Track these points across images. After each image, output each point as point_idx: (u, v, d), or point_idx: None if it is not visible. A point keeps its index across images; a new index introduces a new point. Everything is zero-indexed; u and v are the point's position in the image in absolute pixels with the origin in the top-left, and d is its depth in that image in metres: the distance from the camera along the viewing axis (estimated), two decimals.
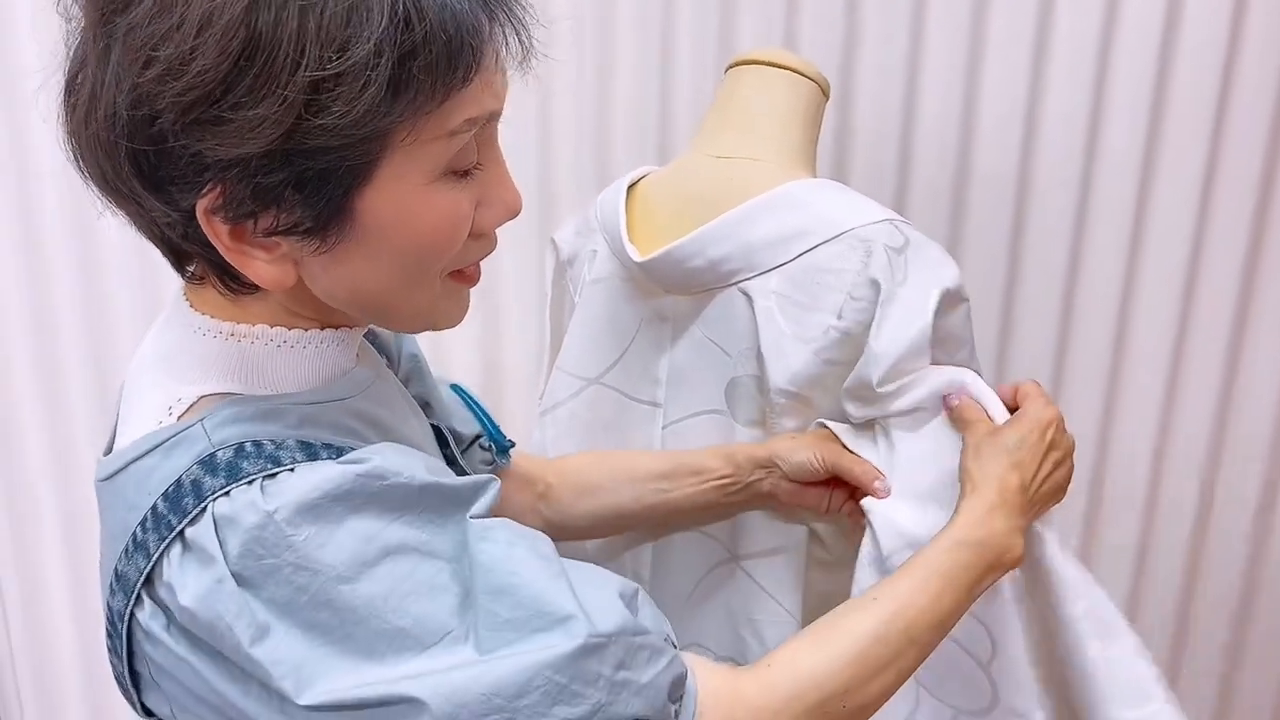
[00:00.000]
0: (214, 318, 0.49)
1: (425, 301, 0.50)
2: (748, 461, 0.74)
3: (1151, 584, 1.21)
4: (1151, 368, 1.13)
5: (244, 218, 0.42)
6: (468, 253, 0.49)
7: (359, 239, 0.45)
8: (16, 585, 1.32)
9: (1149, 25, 1.03)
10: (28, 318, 1.21)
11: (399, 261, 0.46)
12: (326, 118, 0.39)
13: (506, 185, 0.49)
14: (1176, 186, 1.07)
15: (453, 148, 0.44)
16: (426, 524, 0.44)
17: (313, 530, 0.41)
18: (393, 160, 0.43)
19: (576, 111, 1.10)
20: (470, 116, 0.44)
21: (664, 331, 0.82)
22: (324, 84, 0.39)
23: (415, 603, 0.42)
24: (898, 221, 0.72)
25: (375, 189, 0.43)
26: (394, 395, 0.59)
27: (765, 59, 0.79)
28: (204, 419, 0.46)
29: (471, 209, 0.47)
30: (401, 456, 0.46)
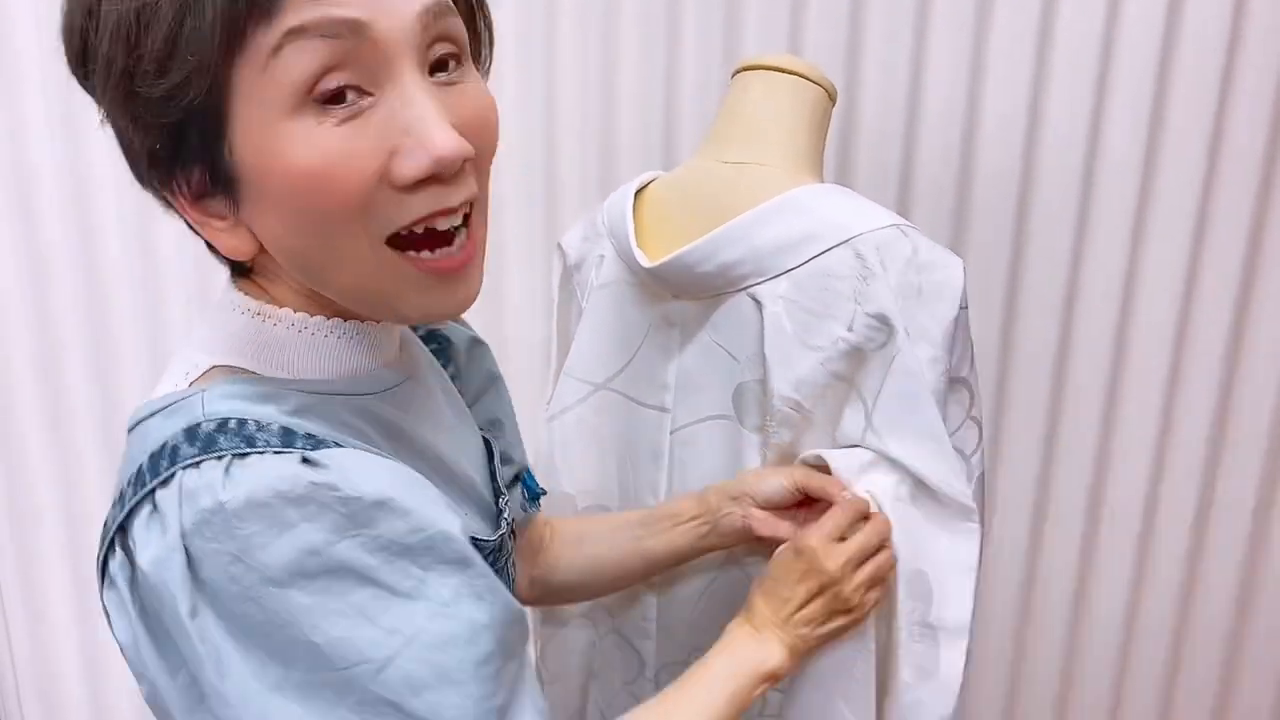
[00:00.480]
0: (247, 295, 0.51)
1: (360, 275, 0.46)
2: (717, 497, 0.75)
3: (1151, 586, 1.22)
4: (1153, 366, 1.14)
5: (173, 189, 0.46)
6: (395, 209, 0.45)
7: (254, 196, 0.45)
8: (17, 588, 1.31)
9: (1150, 25, 1.03)
10: (31, 317, 1.21)
11: (289, 216, 0.45)
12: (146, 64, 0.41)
13: (426, 129, 0.43)
14: (1178, 185, 1.08)
15: (288, 69, 0.41)
16: (379, 550, 0.42)
17: (258, 529, 0.41)
18: (240, 99, 0.42)
19: (581, 115, 1.10)
20: (291, 27, 0.41)
21: (672, 336, 0.82)
22: (133, 35, 0.41)
23: (337, 624, 0.41)
24: (904, 226, 0.72)
25: (240, 134, 0.43)
26: (430, 405, 0.59)
27: (772, 64, 0.79)
28: (206, 390, 0.47)
29: (366, 153, 0.43)
30: (368, 469, 0.44)
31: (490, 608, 0.44)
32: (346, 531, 0.42)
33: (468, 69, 0.48)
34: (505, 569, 0.61)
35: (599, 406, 0.87)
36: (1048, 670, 1.26)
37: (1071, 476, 1.18)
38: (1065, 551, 1.21)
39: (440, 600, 0.43)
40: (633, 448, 0.87)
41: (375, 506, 0.42)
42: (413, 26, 0.44)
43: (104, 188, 1.17)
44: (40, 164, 1.15)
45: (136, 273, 1.18)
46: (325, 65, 0.42)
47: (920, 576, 0.69)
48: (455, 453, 0.59)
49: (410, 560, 0.43)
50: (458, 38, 0.47)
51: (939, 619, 0.69)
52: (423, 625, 0.42)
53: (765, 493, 0.73)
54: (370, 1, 0.42)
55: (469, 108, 0.47)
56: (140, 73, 0.41)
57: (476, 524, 0.59)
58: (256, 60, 0.41)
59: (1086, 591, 1.23)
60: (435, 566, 0.43)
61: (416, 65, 0.44)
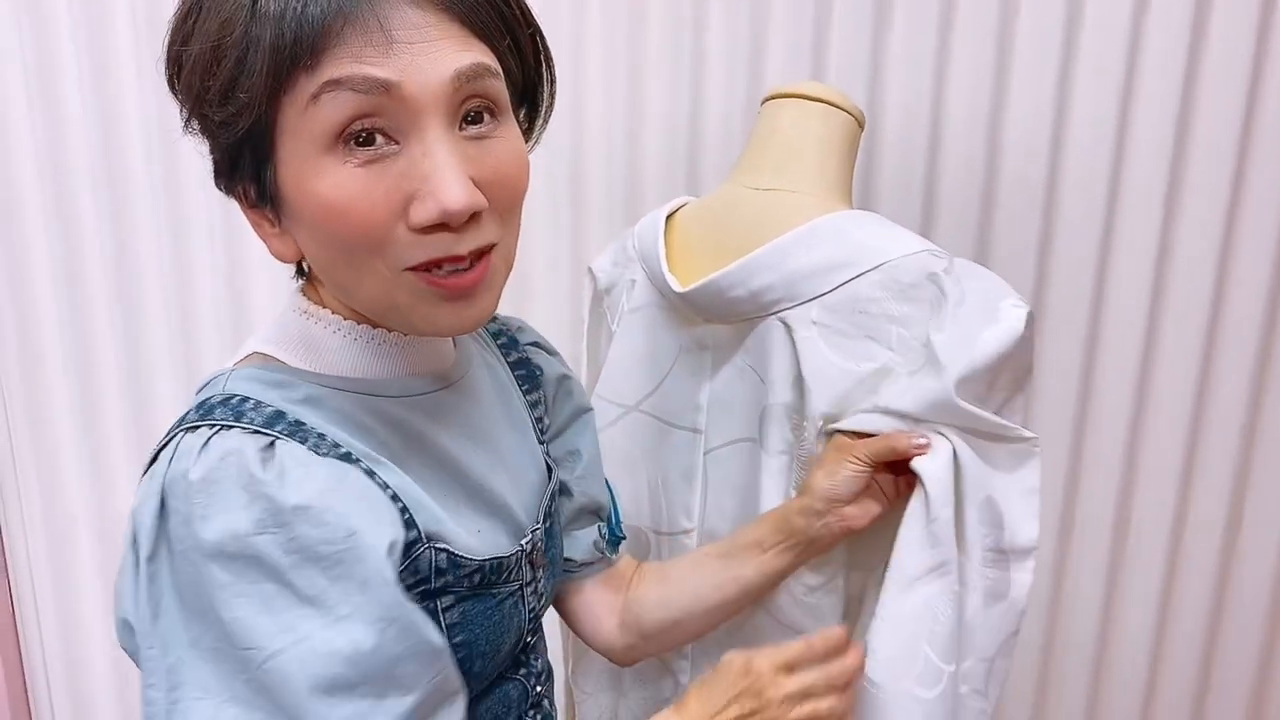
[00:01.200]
0: (304, 296, 0.57)
1: (377, 291, 0.51)
2: (803, 518, 0.73)
3: (1179, 601, 1.21)
4: (1180, 379, 1.13)
5: (230, 190, 0.53)
6: (413, 247, 0.49)
7: (290, 213, 0.51)
8: (51, 595, 1.33)
9: (1175, 36, 1.03)
10: (66, 326, 1.23)
11: (319, 241, 0.51)
12: (211, 94, 0.48)
13: (440, 181, 0.48)
14: (1204, 197, 1.07)
15: (324, 115, 0.47)
16: (292, 551, 0.45)
17: (202, 501, 0.46)
18: (285, 135, 0.48)
19: (607, 140, 1.12)
20: (329, 79, 0.46)
21: (703, 359, 0.83)
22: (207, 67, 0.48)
23: (243, 607, 0.45)
24: (937, 251, 0.73)
25: (282, 163, 0.49)
26: (469, 419, 0.61)
27: (802, 92, 0.80)
28: (235, 371, 0.54)
29: (386, 194, 0.48)
30: (304, 473, 0.47)
31: (384, 635, 0.46)
32: (267, 527, 0.45)
33: (502, 123, 0.52)
34: (521, 593, 0.61)
35: (630, 428, 0.88)
36: (1075, 689, 1.26)
37: (1098, 489, 1.18)
38: (1092, 566, 1.21)
39: (336, 614, 0.46)
40: (664, 469, 0.88)
41: (295, 510, 0.46)
42: (443, 88, 0.48)
43: (139, 203, 1.19)
44: (78, 174, 1.18)
45: (170, 285, 1.21)
46: (356, 114, 0.47)
47: (989, 503, 0.70)
48: (486, 469, 0.61)
49: (318, 568, 0.46)
50: (493, 95, 0.51)
51: (1010, 543, 0.70)
52: (312, 631, 0.45)
53: (849, 489, 0.71)
54: (404, 64, 0.47)
55: (493, 161, 0.51)
56: (208, 100, 0.49)
57: (501, 539, 0.60)
58: (299, 103, 0.47)
59: (1113, 607, 1.23)
60: (341, 581, 0.46)
61: (443, 121, 0.49)
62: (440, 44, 0.48)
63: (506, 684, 0.63)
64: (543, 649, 0.70)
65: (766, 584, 0.75)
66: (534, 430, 0.69)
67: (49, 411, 1.26)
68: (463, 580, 0.56)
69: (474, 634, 0.57)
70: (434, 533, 0.54)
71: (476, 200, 0.49)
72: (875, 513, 0.73)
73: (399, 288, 0.51)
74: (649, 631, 0.75)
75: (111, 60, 1.13)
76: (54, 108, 1.15)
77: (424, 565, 0.53)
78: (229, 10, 0.47)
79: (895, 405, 0.70)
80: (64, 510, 1.30)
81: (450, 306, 0.52)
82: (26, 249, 1.20)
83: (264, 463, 0.47)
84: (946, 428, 0.70)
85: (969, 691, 0.71)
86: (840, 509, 0.72)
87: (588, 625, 0.77)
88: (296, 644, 0.45)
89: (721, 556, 0.76)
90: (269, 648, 0.45)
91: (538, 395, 0.71)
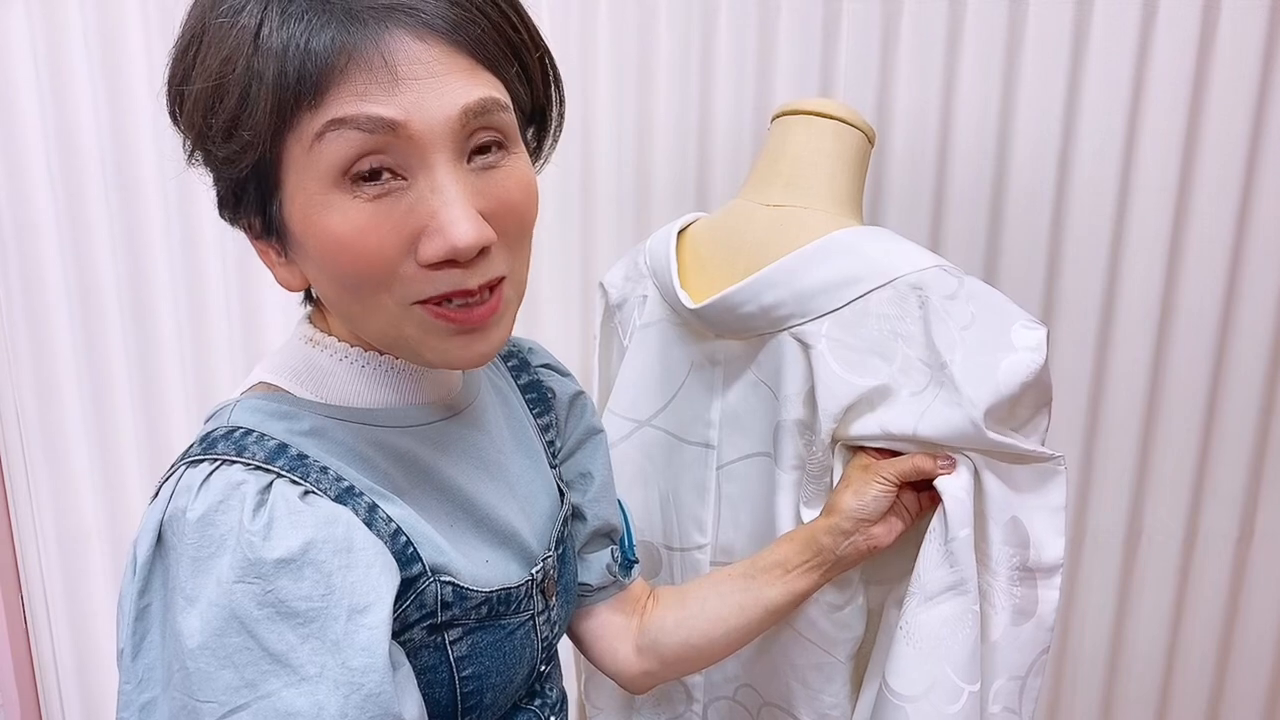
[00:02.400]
0: (310, 324, 0.57)
1: (386, 324, 0.50)
2: (830, 537, 0.73)
3: (1191, 613, 1.21)
4: (1190, 392, 1.13)
5: (241, 225, 0.52)
6: (422, 283, 0.49)
7: (297, 246, 0.50)
8: (64, 606, 1.34)
9: (1182, 50, 1.03)
10: (79, 340, 1.24)
11: (327, 275, 0.50)
12: (213, 131, 0.47)
13: (448, 217, 0.47)
14: (1213, 210, 1.08)
15: (329, 153, 0.46)
16: (267, 605, 0.44)
17: (194, 541, 0.45)
18: (290, 170, 0.48)
19: (617, 157, 1.12)
20: (333, 118, 0.45)
21: (715, 375, 0.84)
22: (210, 104, 0.47)
23: (207, 660, 0.44)
24: (947, 267, 0.73)
25: (288, 198, 0.48)
26: (475, 448, 0.60)
27: (813, 109, 0.81)
28: (240, 401, 0.53)
29: (393, 231, 0.47)
30: (292, 523, 0.46)
31: (348, 700, 0.44)
32: (246, 576, 0.44)
33: (511, 152, 0.51)
34: (533, 622, 0.61)
35: (642, 443, 0.88)
36: (1087, 700, 1.26)
37: (1108, 501, 1.18)
38: (1104, 577, 1.21)
39: (302, 674, 0.44)
40: (675, 483, 0.88)
41: (277, 564, 0.44)
42: (450, 125, 0.47)
43: (152, 217, 1.20)
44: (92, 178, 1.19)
45: (182, 297, 1.21)
46: (362, 152, 0.46)
47: (1015, 523, 0.71)
48: (494, 498, 0.60)
49: (291, 624, 0.44)
50: (502, 128, 0.50)
51: (1036, 561, 0.71)
52: (275, 689, 0.43)
53: (877, 509, 0.72)
54: (410, 101, 0.46)
55: (501, 192, 0.50)
56: (211, 136, 0.48)
57: (510, 569, 0.59)
58: (304, 141, 0.46)
59: (1125, 619, 1.22)
60: (312, 639, 0.44)
61: (451, 156, 0.48)
62: (447, 79, 0.47)
63: (520, 715, 0.62)
64: (558, 677, 0.69)
65: (790, 605, 0.74)
66: (545, 454, 0.69)
67: (61, 423, 1.27)
68: (470, 613, 0.55)
69: (484, 666, 0.56)
70: (439, 565, 0.53)
71: (485, 235, 0.48)
72: (900, 531, 0.74)
73: (407, 321, 0.50)
74: (668, 656, 0.74)
75: (125, 80, 1.14)
76: (67, 128, 1.16)
77: (429, 599, 0.52)
78: (230, 46, 0.46)
79: (923, 433, 0.70)
80: (76, 522, 1.31)
81: (461, 340, 0.51)
82: (40, 264, 1.21)
83: (256, 509, 0.46)
84: (970, 451, 0.70)
85: (1002, 710, 0.72)
86: (868, 528, 0.72)
87: (600, 650, 0.75)
88: (257, 700, 0.43)
89: (743, 578, 0.75)
90: (229, 703, 0.43)
91: (549, 418, 0.70)
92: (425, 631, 0.53)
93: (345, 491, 0.50)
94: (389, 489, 0.53)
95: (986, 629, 0.72)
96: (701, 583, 0.77)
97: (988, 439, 0.68)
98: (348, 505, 0.50)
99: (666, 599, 0.77)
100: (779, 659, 0.80)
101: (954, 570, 0.71)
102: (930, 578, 0.71)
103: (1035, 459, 0.71)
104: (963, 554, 0.70)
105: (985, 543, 0.71)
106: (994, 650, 0.72)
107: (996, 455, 0.71)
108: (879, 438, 0.73)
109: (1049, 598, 0.71)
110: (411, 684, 0.49)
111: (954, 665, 0.70)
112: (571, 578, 0.69)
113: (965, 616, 0.70)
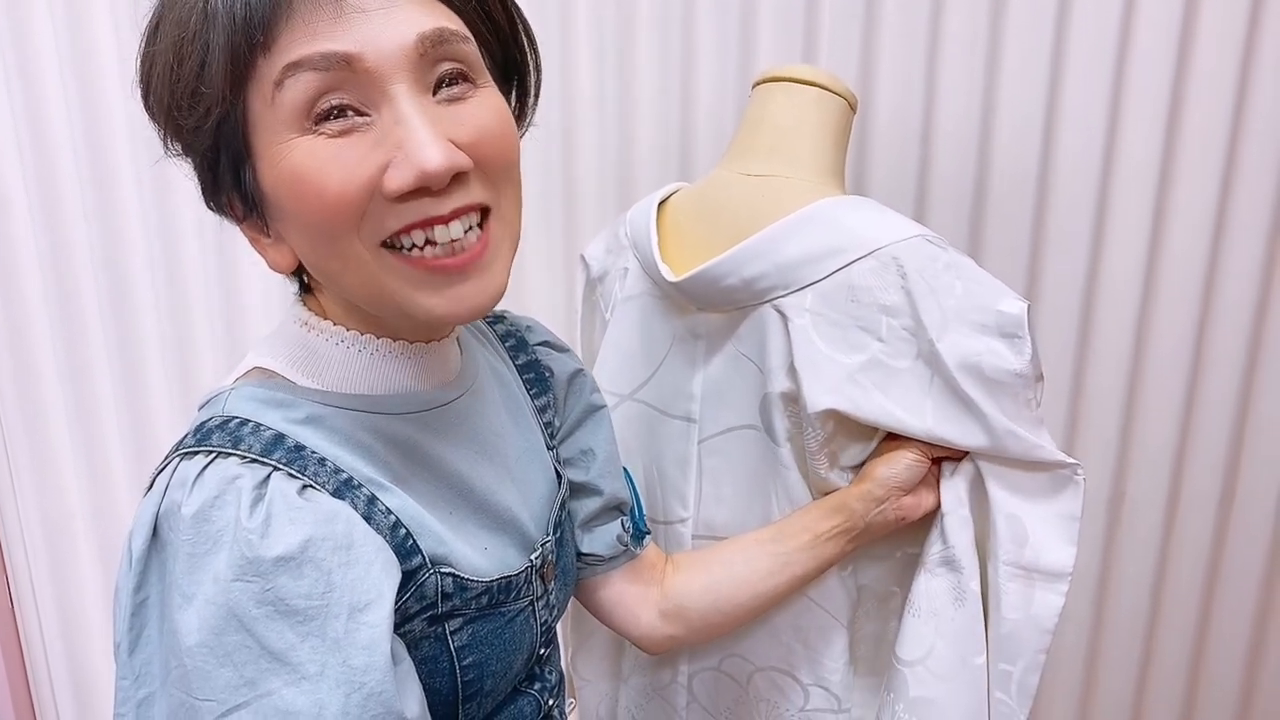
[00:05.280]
0: (303, 307, 0.56)
1: (363, 276, 0.49)
2: (862, 504, 0.74)
3: (1174, 568, 1.22)
4: (1171, 371, 1.14)
5: (220, 208, 0.51)
6: (384, 217, 0.47)
7: (274, 211, 0.49)
8: (50, 591, 1.34)
9: (1165, 30, 1.03)
10: (60, 325, 1.23)
11: (299, 228, 0.49)
12: (179, 100, 0.47)
13: (415, 143, 0.45)
14: (1196, 188, 1.08)
15: (291, 98, 0.45)
16: (266, 603, 0.43)
17: (191, 538, 0.44)
18: (255, 129, 0.47)
19: (599, 126, 1.11)
20: (289, 61, 0.45)
21: (697, 348, 0.83)
22: (170, 77, 0.47)
23: (205, 658, 0.43)
24: (930, 236, 0.72)
25: (258, 159, 0.48)
26: (474, 432, 0.59)
27: (794, 76, 0.79)
28: (235, 389, 0.52)
29: (354, 161, 0.46)
30: (290, 519, 0.45)
31: (349, 699, 0.43)
32: (245, 574, 0.43)
33: (480, 86, 0.50)
34: (532, 607, 0.61)
35: (625, 417, 0.88)
36: (1071, 666, 1.27)
37: (1091, 479, 1.19)
38: (1088, 540, 1.22)
39: (303, 671, 0.43)
40: (659, 457, 0.88)
41: (275, 562, 0.44)
42: (407, 55, 0.46)
43: (128, 201, 1.18)
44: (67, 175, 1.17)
45: (161, 281, 1.20)
46: (320, 90, 0.46)
47: (1014, 520, 0.71)
48: (493, 483, 0.59)
49: (290, 622, 0.43)
50: (464, 58, 0.49)
51: (1033, 562, 0.71)
52: (275, 688, 0.43)
53: (908, 478, 0.73)
54: (362, 35, 0.45)
55: (473, 122, 0.48)
56: (177, 106, 0.47)
57: (509, 555, 0.59)
58: (264, 92, 0.46)
59: (1106, 591, 1.24)
60: (313, 638, 0.43)
61: (412, 87, 0.46)
62: (399, 10, 0.46)
63: (520, 699, 0.62)
64: (556, 660, 0.69)
65: (816, 571, 0.76)
66: (542, 436, 0.68)
67: (44, 411, 1.26)
68: (470, 603, 0.54)
69: (484, 654, 0.56)
70: (439, 556, 0.52)
71: (456, 159, 0.46)
72: (929, 506, 0.75)
73: (384, 271, 0.48)
74: (695, 621, 0.75)
75: (96, 64, 1.12)
76: (38, 113, 1.14)
77: (430, 591, 0.52)
78: (182, 13, 0.46)
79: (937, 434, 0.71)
80: (61, 509, 1.30)
81: (448, 289, 0.49)
82: (15, 249, 1.20)
83: (253, 505, 0.45)
84: None
85: (998, 693, 0.73)
86: (899, 498, 0.73)
87: (621, 616, 0.76)
88: (256, 699, 0.43)
89: (771, 542, 0.76)
90: (228, 701, 0.42)
91: (546, 399, 0.70)
92: (426, 623, 0.52)
93: (344, 484, 0.49)
94: (388, 478, 0.52)
95: (993, 616, 0.73)
96: (728, 547, 0.78)
97: (1003, 444, 0.69)
98: (346, 499, 0.49)
99: (690, 564, 0.78)
100: (780, 622, 0.81)
101: (944, 547, 0.73)
102: (929, 552, 0.74)
103: (1052, 466, 0.71)
104: (954, 532, 0.72)
105: (992, 532, 0.72)
106: (992, 636, 0.73)
107: (1011, 461, 0.71)
108: (892, 429, 0.73)
109: (1048, 601, 0.71)
110: (413, 679, 0.48)
111: (947, 637, 0.72)
112: (569, 560, 0.69)
113: (958, 593, 0.72)
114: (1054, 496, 0.72)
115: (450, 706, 0.55)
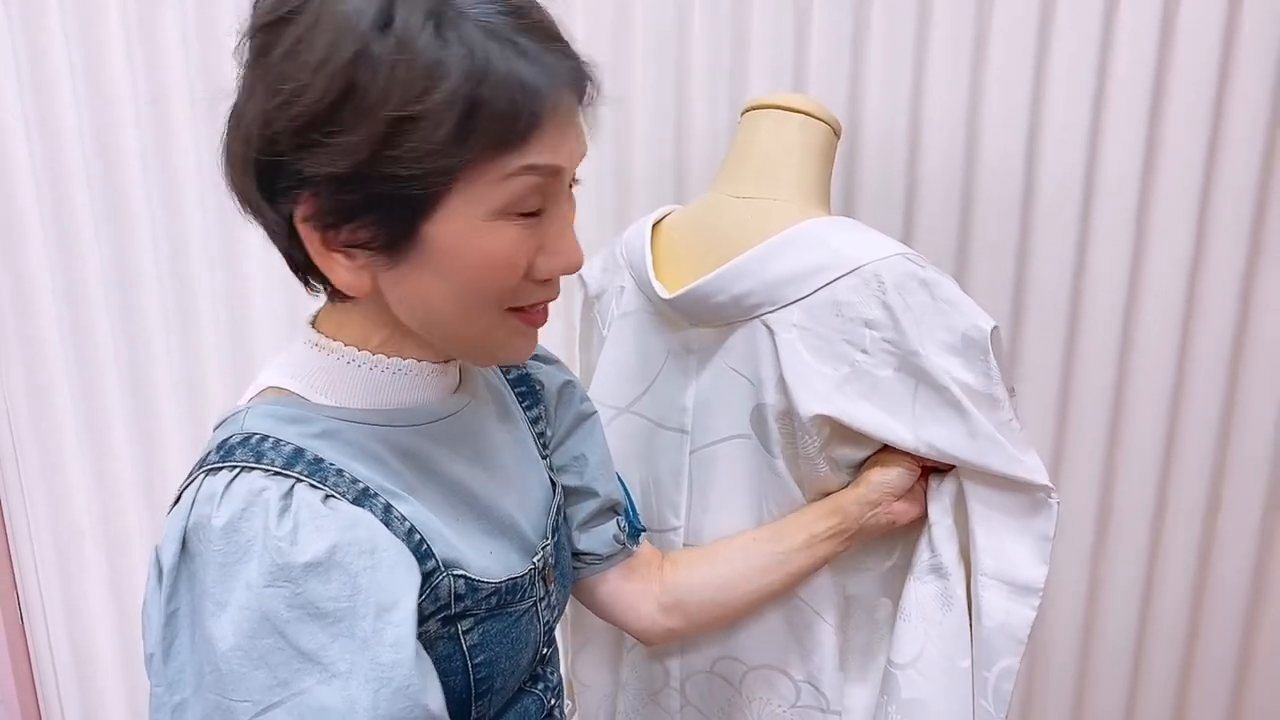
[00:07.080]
0: (316, 329, 0.58)
1: (482, 330, 0.55)
2: (857, 507, 0.79)
3: (1162, 578, 1.24)
4: (1156, 383, 1.16)
5: (329, 228, 0.51)
6: (527, 293, 0.55)
7: (423, 262, 0.51)
8: (60, 603, 1.36)
9: (1144, 44, 1.06)
10: (70, 342, 1.25)
11: (456, 288, 0.52)
12: (399, 150, 0.47)
13: (569, 240, 0.55)
14: (1176, 201, 1.10)
15: (512, 191, 0.50)
16: (297, 606, 0.46)
17: (221, 549, 0.47)
18: (457, 196, 0.49)
19: (596, 154, 1.15)
20: (529, 164, 0.50)
21: (690, 362, 0.87)
22: (402, 123, 0.47)
23: (239, 661, 0.45)
24: (910, 255, 0.75)
25: (441, 219, 0.50)
26: (475, 444, 0.63)
27: (780, 103, 0.83)
28: (252, 408, 0.54)
29: (528, 251, 0.53)
30: (316, 526, 0.47)
31: (379, 694, 0.45)
32: (276, 580, 0.46)
33: None
34: (535, 608, 0.64)
35: (622, 430, 0.91)
36: (1061, 677, 1.29)
37: (1079, 490, 1.22)
38: (1074, 554, 1.24)
39: (334, 670, 0.45)
40: (655, 469, 0.91)
41: (305, 567, 0.46)
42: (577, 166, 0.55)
43: (138, 215, 1.21)
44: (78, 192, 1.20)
45: (169, 294, 1.23)
46: (534, 191, 0.52)
47: (992, 536, 0.76)
48: (494, 491, 0.63)
49: (321, 624, 0.46)
50: None
51: (1009, 576, 0.75)
52: (308, 687, 0.45)
53: (901, 483, 0.79)
54: (569, 150, 0.53)
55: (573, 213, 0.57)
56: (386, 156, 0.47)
57: (512, 559, 0.62)
58: (494, 175, 0.50)
59: (1097, 596, 1.26)
60: (342, 638, 0.46)
61: (568, 187, 0.56)
62: (577, 124, 0.54)
63: (525, 698, 0.65)
64: (557, 661, 0.72)
65: (810, 569, 0.80)
66: (536, 446, 0.71)
67: (53, 423, 1.29)
68: (481, 603, 0.58)
69: (494, 652, 0.59)
70: (451, 560, 0.55)
71: None
72: (917, 514, 0.80)
73: (501, 327, 0.55)
74: (694, 614, 0.80)
75: (105, 71, 1.15)
76: (49, 120, 1.17)
77: (443, 592, 0.55)
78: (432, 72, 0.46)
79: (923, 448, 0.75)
80: (70, 521, 1.33)
81: (529, 335, 0.58)
82: (28, 262, 1.23)
83: (281, 515, 0.48)
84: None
85: (980, 699, 0.76)
86: (892, 503, 0.79)
87: (621, 611, 0.80)
88: (290, 698, 0.45)
89: (769, 541, 0.81)
90: (262, 701, 0.45)
91: (539, 410, 0.73)
92: (440, 623, 0.55)
93: (362, 494, 0.52)
94: (400, 487, 0.55)
95: (956, 614, 0.77)
96: (727, 544, 0.83)
97: (985, 450, 0.73)
98: (365, 507, 0.51)
99: (690, 560, 0.82)
100: (773, 619, 0.85)
101: (931, 556, 0.78)
102: (918, 560, 0.79)
103: (1030, 488, 0.75)
104: (941, 542, 0.77)
105: (972, 548, 0.77)
106: (974, 640, 0.77)
107: (992, 479, 0.75)
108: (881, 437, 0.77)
109: (1021, 614, 0.75)
110: (433, 676, 0.50)
111: (935, 641, 0.76)
112: (566, 563, 0.72)
113: (945, 598, 0.76)
114: (1030, 517, 0.76)
115: (464, 704, 0.58)
